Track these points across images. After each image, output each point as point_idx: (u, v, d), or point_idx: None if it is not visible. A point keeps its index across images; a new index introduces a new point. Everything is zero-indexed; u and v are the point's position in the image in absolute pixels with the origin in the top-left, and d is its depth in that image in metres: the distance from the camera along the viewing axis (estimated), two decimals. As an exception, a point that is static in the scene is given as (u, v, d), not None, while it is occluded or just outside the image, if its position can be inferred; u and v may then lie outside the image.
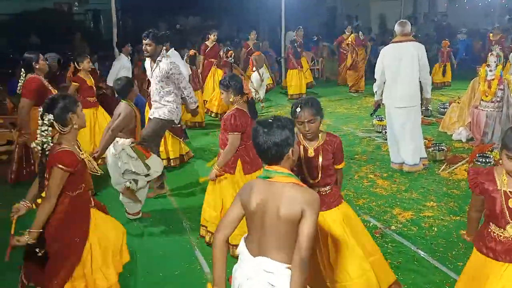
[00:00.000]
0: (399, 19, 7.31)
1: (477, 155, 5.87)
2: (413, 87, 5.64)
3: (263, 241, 2.13)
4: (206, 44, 9.81)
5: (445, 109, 8.25)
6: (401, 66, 5.56)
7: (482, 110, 6.65)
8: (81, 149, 2.94)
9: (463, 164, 5.88)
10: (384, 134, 7.02)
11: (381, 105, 5.99)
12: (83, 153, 2.92)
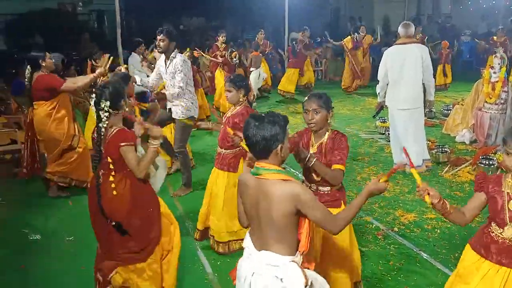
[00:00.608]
0: (402, 20, 7.29)
1: (480, 157, 5.86)
2: (416, 89, 5.63)
3: (263, 236, 2.17)
4: (217, 45, 9.82)
5: (448, 111, 8.23)
6: (405, 68, 5.56)
7: (486, 112, 6.64)
8: None
9: (466, 166, 5.87)
10: (387, 136, 7.02)
11: (384, 106, 5.98)
12: None
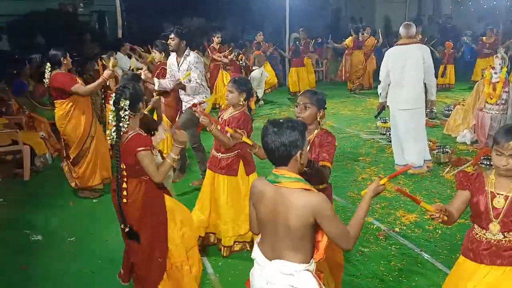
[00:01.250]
0: (403, 21, 7.29)
1: (481, 157, 5.85)
2: (417, 89, 5.63)
3: (277, 244, 2.10)
4: (213, 46, 9.85)
5: (449, 111, 8.23)
6: (406, 68, 5.56)
7: (487, 113, 6.63)
8: None
9: (467, 167, 5.87)
10: (388, 136, 7.02)
11: (385, 107, 5.99)
12: None
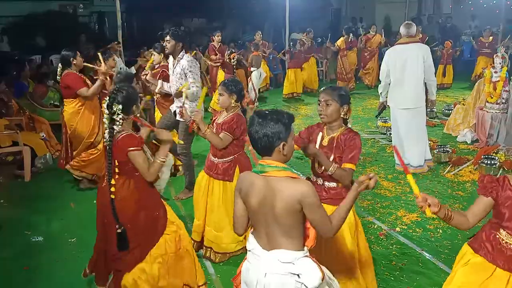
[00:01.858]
0: (403, 21, 7.30)
1: (482, 156, 5.86)
2: (418, 89, 5.63)
3: (271, 234, 2.15)
4: (214, 45, 9.86)
5: (450, 110, 8.23)
6: (406, 68, 5.56)
7: (487, 112, 6.64)
8: None
9: (468, 166, 5.87)
10: (389, 136, 7.02)
11: (386, 106, 5.99)
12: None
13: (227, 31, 14.10)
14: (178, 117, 5.08)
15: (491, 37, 11.27)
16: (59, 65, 5.39)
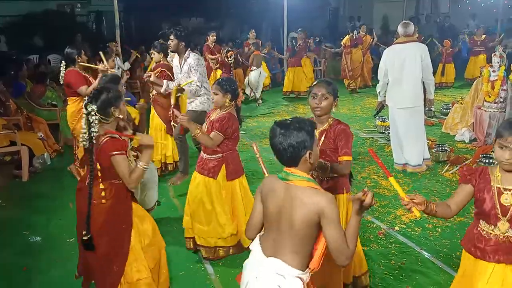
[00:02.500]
0: (401, 20, 7.30)
1: (480, 155, 5.87)
2: (416, 88, 5.63)
3: (278, 242, 2.10)
4: (208, 45, 9.86)
5: (448, 110, 8.23)
6: (404, 67, 5.57)
7: (485, 111, 6.65)
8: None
9: (466, 165, 5.87)
10: (387, 135, 7.03)
11: (384, 106, 5.99)
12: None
13: (225, 30, 14.11)
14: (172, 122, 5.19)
15: (483, 36, 11.30)
16: (62, 62, 5.31)
